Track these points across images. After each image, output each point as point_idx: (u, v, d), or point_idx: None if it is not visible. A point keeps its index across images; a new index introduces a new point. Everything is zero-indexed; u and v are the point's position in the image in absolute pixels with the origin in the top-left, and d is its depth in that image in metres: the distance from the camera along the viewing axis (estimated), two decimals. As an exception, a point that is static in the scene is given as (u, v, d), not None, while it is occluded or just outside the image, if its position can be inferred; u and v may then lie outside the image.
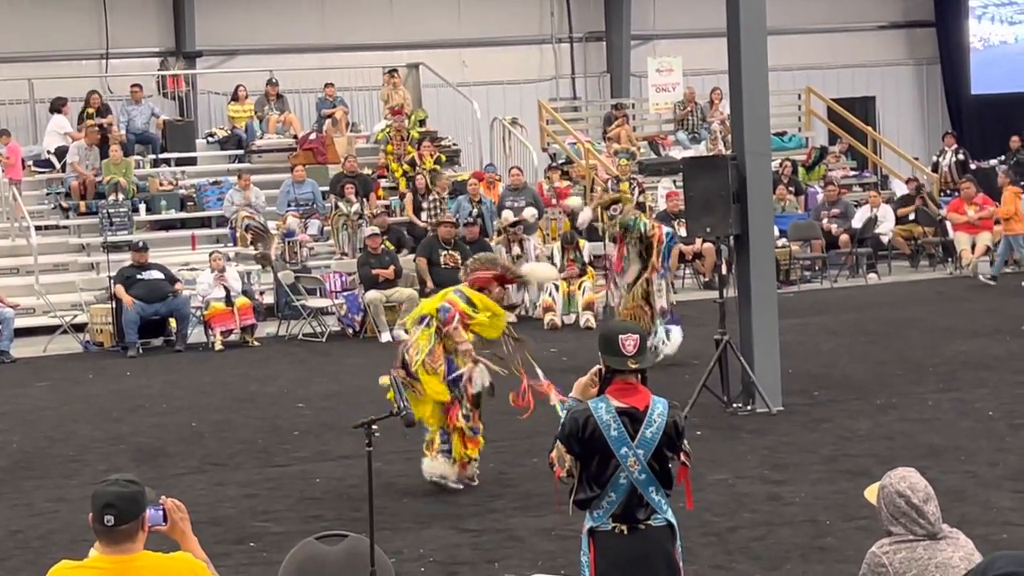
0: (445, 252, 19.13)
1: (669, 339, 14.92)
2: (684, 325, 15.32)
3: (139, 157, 23.64)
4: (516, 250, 19.45)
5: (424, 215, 22.09)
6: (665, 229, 15.17)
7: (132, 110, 23.92)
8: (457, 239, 19.42)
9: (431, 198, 22.15)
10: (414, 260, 19.50)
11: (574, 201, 17.25)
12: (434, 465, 10.69)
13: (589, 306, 19.01)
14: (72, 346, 18.89)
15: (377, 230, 19.59)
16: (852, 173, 26.94)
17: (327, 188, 22.62)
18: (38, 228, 21.64)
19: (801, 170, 25.80)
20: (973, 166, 26.12)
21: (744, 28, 12.85)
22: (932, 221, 23.69)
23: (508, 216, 19.98)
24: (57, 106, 23.70)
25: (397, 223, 21.71)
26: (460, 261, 18.96)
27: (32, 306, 20.09)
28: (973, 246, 22.44)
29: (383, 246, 19.42)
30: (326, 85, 25.09)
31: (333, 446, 12.26)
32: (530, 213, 20.00)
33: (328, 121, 24.54)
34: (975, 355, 15.11)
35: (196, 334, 18.86)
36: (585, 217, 16.82)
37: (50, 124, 23.65)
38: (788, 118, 28.02)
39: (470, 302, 10.60)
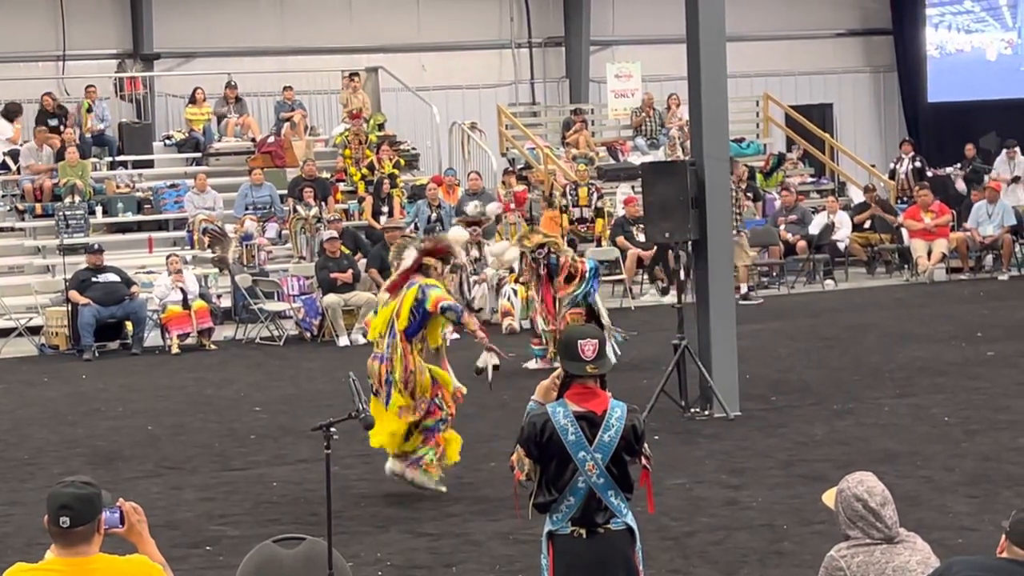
0: (396, 260, 18.98)
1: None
2: (641, 330, 15.31)
3: (96, 159, 23.50)
4: (474, 252, 19.42)
5: (383, 219, 22.04)
6: (589, 264, 15.08)
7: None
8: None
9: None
10: (366, 269, 19.42)
11: (499, 247, 16.65)
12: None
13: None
14: (27, 349, 18.76)
15: (335, 234, 19.52)
16: (810, 179, 27.05)
17: (285, 192, 22.55)
18: (-7, 230, 21.51)
19: (759, 176, 25.88)
20: (930, 173, 26.26)
21: (703, 34, 12.89)
22: (888, 228, 23.82)
23: (474, 206, 19.83)
24: (8, 114, 23.33)
25: (355, 227, 21.65)
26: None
27: (-13, 309, 19.95)
28: (929, 253, 22.59)
29: (341, 250, 19.36)
30: (285, 88, 24.99)
31: (290, 450, 12.22)
32: (493, 208, 19.97)
33: (286, 124, 24.44)
34: (931, 361, 15.19)
35: (152, 337, 18.76)
36: (512, 256, 16.47)
37: None
38: (746, 124, 28.09)
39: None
